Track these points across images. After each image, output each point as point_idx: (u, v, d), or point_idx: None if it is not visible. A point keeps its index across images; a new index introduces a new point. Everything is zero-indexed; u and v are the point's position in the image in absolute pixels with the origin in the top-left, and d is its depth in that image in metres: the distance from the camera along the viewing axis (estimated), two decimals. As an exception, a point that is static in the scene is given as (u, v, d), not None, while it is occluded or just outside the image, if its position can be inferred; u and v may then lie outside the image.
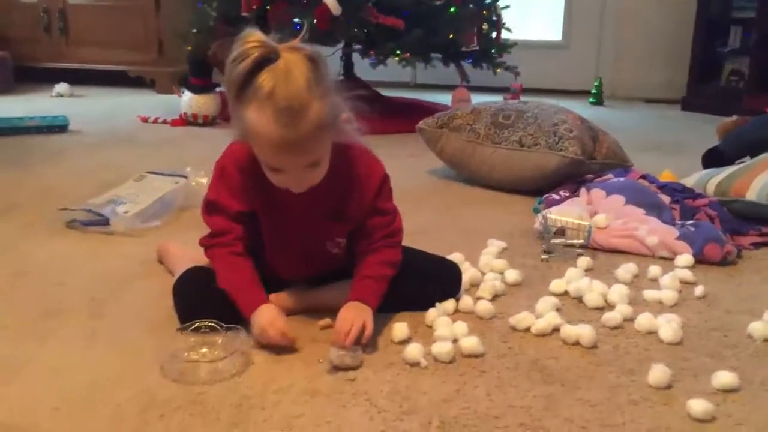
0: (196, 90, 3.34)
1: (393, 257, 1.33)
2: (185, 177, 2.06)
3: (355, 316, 1.22)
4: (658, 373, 1.14)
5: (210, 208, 1.31)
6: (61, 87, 4.08)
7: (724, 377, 1.13)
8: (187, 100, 3.35)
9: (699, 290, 1.50)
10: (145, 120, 3.41)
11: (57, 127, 3.10)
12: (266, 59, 1.11)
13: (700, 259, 1.67)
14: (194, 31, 3.46)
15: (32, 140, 2.91)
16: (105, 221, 1.82)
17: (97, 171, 2.44)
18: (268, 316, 1.21)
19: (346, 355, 1.16)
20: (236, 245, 1.28)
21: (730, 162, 2.22)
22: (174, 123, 3.35)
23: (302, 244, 1.33)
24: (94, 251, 1.71)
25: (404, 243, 1.39)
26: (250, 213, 1.30)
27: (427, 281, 1.39)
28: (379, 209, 1.32)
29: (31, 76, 4.28)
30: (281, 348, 1.22)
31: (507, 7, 3.60)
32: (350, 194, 1.29)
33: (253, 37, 1.12)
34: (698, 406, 1.05)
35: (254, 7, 3.13)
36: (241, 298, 1.25)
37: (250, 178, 1.26)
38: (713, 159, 2.38)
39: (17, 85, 4.21)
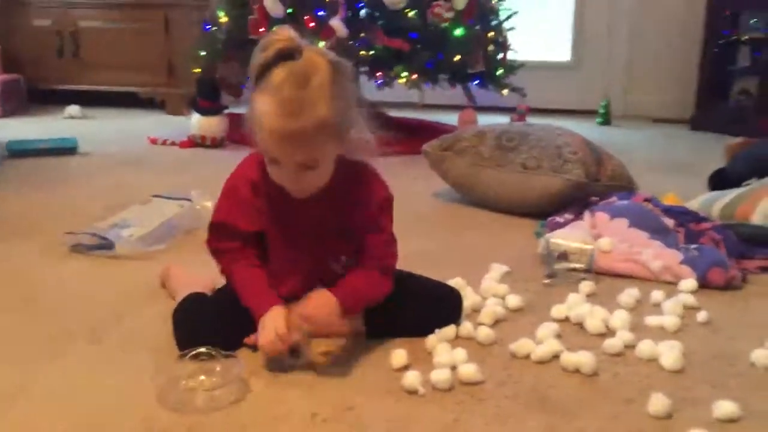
0: (204, 112, 3.36)
1: (385, 288, 1.32)
2: (190, 200, 2.07)
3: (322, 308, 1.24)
4: (657, 403, 1.13)
5: (216, 231, 1.32)
6: (73, 109, 4.12)
7: (724, 407, 1.12)
8: (196, 122, 3.37)
9: (702, 316, 1.49)
10: (154, 142, 3.44)
11: (66, 149, 3.13)
12: (288, 54, 1.14)
13: (704, 284, 1.65)
14: (203, 53, 3.50)
15: (43, 162, 2.94)
16: (110, 245, 1.83)
17: (106, 193, 2.46)
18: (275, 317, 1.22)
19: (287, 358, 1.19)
20: (251, 257, 1.30)
21: (737, 184, 2.21)
22: (182, 145, 3.38)
23: (307, 262, 1.33)
24: (98, 275, 1.72)
25: (407, 267, 1.39)
26: (257, 234, 1.30)
27: (427, 307, 1.38)
28: (380, 226, 1.33)
29: (43, 98, 4.34)
30: (280, 374, 1.22)
31: (512, 29, 3.61)
32: (355, 209, 1.29)
33: (281, 32, 1.17)
34: (698, 437, 1.04)
35: (261, 30, 3.16)
36: (254, 302, 1.26)
37: (261, 195, 1.28)
38: (720, 181, 2.37)
39: (30, 107, 4.27)
